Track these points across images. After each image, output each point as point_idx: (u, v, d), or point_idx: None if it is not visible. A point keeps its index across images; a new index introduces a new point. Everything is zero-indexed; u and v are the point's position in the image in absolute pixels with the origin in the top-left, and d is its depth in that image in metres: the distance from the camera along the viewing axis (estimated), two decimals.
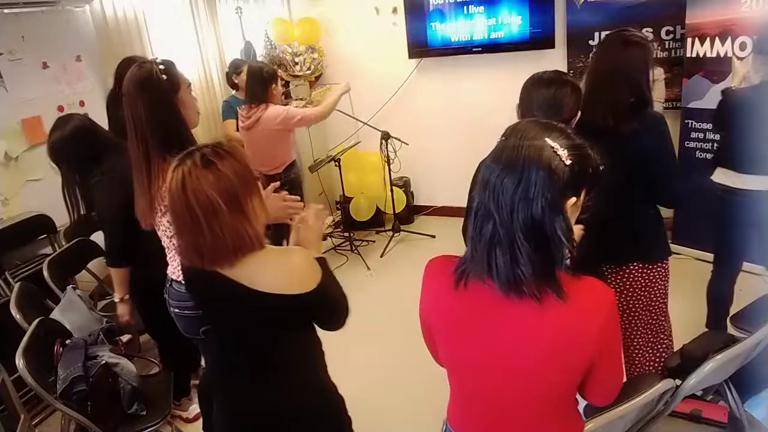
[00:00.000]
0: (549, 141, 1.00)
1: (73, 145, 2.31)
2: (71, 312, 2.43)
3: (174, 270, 1.98)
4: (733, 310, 2.71)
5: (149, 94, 1.77)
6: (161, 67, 1.84)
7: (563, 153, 1.00)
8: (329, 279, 1.43)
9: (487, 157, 1.06)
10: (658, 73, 3.08)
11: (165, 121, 1.79)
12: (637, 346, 2.22)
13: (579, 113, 1.80)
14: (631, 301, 2.16)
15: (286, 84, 4.70)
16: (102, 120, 3.46)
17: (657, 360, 2.21)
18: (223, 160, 1.31)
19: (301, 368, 1.50)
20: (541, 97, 1.74)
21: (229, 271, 1.34)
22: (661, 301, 2.15)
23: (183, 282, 1.59)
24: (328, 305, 1.46)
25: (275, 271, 1.36)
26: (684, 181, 2.14)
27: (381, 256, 4.49)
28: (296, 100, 4.35)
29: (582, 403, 1.27)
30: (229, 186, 1.29)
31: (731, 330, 2.50)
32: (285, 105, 3.79)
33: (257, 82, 3.48)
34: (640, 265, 2.10)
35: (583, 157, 1.04)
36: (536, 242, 1.00)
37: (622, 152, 1.75)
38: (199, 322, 1.85)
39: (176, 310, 1.94)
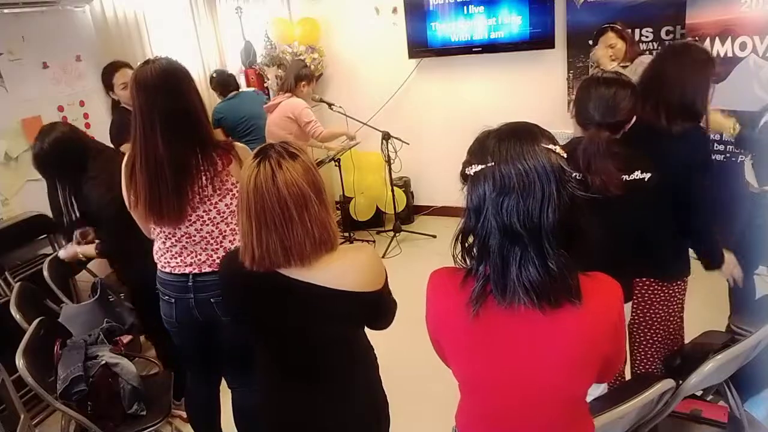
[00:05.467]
0: (544, 146, 1.00)
1: (54, 158, 2.30)
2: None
3: (199, 264, 1.90)
4: None
5: (186, 81, 1.70)
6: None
7: (558, 148, 1.01)
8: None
9: (485, 188, 1.01)
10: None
11: (202, 110, 1.73)
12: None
13: (634, 118, 1.78)
14: (673, 312, 2.09)
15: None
16: (102, 119, 3.49)
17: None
18: (302, 154, 1.29)
19: (357, 375, 1.47)
20: (599, 97, 1.73)
21: (304, 273, 1.29)
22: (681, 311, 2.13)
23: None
24: (389, 303, 1.44)
25: (353, 269, 1.31)
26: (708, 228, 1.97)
27: (382, 257, 4.48)
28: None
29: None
30: (315, 178, 1.28)
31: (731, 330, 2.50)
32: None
33: (293, 74, 3.89)
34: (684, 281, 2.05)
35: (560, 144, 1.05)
36: (563, 241, 1.00)
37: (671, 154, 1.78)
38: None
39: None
